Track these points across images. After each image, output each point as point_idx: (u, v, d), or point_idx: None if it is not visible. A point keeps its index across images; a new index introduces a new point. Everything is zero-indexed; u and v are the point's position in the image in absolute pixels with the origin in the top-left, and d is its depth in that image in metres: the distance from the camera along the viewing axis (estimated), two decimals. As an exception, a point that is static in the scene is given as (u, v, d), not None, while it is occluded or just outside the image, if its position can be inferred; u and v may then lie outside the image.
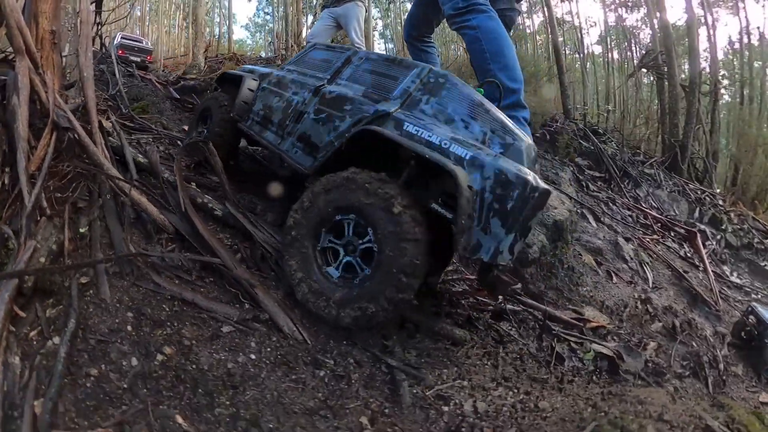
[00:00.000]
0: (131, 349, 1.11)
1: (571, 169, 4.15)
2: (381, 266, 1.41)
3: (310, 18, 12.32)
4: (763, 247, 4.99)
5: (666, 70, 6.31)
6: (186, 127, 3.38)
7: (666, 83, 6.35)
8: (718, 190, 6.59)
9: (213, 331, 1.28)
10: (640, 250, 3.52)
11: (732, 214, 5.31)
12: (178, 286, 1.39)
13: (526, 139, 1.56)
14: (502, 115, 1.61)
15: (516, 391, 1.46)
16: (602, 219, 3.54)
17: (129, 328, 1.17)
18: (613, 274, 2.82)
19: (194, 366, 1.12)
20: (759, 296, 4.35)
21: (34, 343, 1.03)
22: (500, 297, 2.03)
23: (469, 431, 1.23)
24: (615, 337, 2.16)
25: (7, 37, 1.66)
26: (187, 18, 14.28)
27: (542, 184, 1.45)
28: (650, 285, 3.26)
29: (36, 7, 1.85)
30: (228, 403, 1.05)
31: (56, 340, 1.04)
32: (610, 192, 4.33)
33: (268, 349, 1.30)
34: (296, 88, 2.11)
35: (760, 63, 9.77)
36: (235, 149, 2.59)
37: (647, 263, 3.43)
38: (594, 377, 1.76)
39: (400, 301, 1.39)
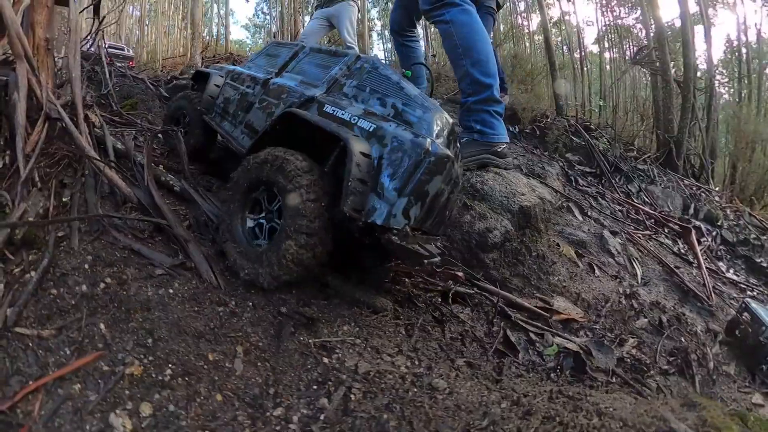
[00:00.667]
0: (83, 280, 1.43)
1: (560, 164, 3.92)
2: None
3: (307, 17, 12.21)
4: (759, 243, 4.69)
5: (659, 65, 6.01)
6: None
7: (659, 79, 6.04)
8: (716, 189, 6.28)
9: (148, 273, 1.57)
10: (628, 244, 3.28)
11: (728, 211, 5.02)
12: (131, 240, 1.69)
13: (438, 113, 1.62)
14: (417, 92, 1.68)
15: (417, 363, 1.32)
16: (589, 213, 3.31)
17: (86, 266, 1.49)
18: (595, 267, 2.59)
19: (124, 293, 1.44)
20: (755, 293, 4.07)
21: (16, 275, 1.37)
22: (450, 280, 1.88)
23: (335, 386, 1.27)
24: (588, 332, 1.93)
25: (9, 45, 1.90)
26: (186, 18, 14.19)
27: (441, 150, 1.49)
28: (639, 280, 3.02)
29: (33, 18, 2.08)
30: (140, 319, 1.37)
31: (32, 274, 1.38)
32: (600, 187, 4.09)
33: (185, 288, 1.56)
34: (250, 82, 2.27)
35: (757, 61, 9.35)
36: (213, 142, 2.61)
37: (636, 258, 3.19)
38: (553, 374, 1.54)
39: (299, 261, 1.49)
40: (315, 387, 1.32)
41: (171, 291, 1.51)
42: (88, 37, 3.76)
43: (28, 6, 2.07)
